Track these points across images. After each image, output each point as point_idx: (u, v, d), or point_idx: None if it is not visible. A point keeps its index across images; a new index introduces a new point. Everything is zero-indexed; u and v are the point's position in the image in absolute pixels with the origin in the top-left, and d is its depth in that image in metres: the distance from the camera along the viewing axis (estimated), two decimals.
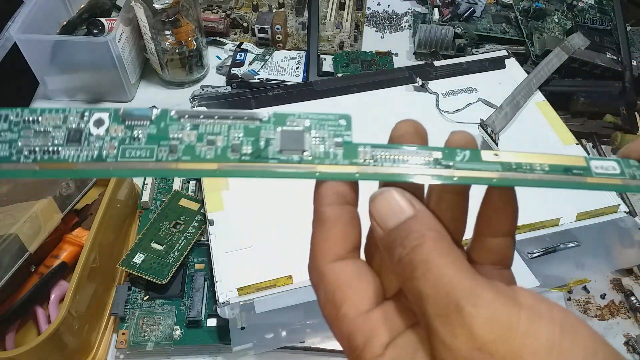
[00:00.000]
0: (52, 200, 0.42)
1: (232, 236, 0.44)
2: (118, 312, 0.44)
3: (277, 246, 0.43)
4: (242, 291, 0.41)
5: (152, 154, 0.18)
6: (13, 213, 0.41)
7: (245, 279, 0.41)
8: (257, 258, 0.43)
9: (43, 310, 0.43)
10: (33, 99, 0.65)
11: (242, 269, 0.42)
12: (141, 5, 0.57)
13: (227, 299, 0.40)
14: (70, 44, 0.57)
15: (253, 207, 0.46)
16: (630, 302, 0.48)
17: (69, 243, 0.46)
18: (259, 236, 0.44)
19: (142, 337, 0.43)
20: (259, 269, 0.42)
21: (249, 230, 0.44)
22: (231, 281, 0.41)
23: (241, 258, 0.43)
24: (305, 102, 0.55)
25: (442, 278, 0.16)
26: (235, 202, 0.47)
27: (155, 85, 0.66)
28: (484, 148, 0.49)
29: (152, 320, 0.44)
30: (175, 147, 0.18)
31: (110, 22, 0.61)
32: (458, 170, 0.18)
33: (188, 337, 0.43)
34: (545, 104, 0.56)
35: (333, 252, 0.18)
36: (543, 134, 0.53)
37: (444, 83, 0.58)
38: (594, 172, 0.19)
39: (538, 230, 0.45)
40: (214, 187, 0.47)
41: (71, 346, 0.41)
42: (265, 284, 0.41)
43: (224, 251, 0.43)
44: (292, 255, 0.42)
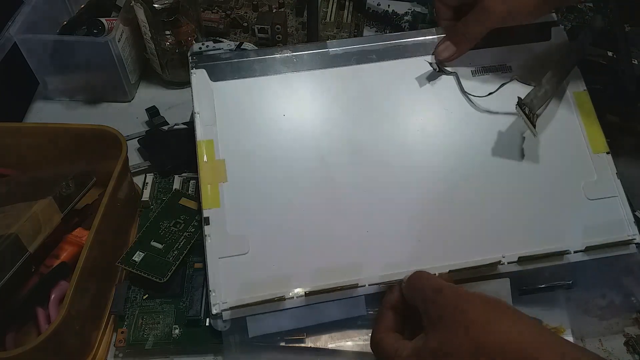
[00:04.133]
0: (52, 200, 0.42)
1: (228, 239, 0.41)
2: (117, 310, 0.44)
3: (278, 253, 0.42)
4: (235, 309, 0.39)
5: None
6: (13, 213, 0.41)
7: (239, 293, 0.40)
8: (255, 267, 0.41)
9: (43, 310, 0.43)
10: (33, 99, 0.65)
11: (237, 279, 0.40)
12: (141, 5, 0.57)
13: (220, 311, 0.39)
14: (70, 44, 0.57)
15: (254, 205, 0.43)
16: (631, 302, 0.48)
17: (69, 243, 0.46)
18: (259, 240, 0.42)
19: (141, 336, 0.43)
20: (257, 281, 0.40)
21: (248, 231, 0.42)
22: (225, 292, 0.40)
23: (238, 266, 0.41)
24: (317, 71, 0.49)
25: (433, 280, 0.38)
26: (234, 197, 0.43)
27: (155, 85, 0.66)
28: (521, 130, 0.46)
29: (151, 319, 0.44)
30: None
31: (110, 22, 0.60)
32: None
33: (187, 336, 0.43)
34: (584, 95, 0.48)
35: (383, 330, 0.38)
36: (571, 132, 0.47)
37: (472, 58, 0.50)
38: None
39: (540, 262, 0.42)
40: (210, 179, 0.44)
41: (71, 346, 0.41)
42: (258, 302, 0.39)
43: (219, 256, 0.41)
44: (294, 264, 0.41)
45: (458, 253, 0.42)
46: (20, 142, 0.50)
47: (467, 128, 0.47)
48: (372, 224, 0.43)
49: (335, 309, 0.41)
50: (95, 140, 0.48)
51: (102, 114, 0.63)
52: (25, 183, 0.49)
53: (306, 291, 0.40)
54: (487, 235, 0.43)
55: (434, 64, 0.49)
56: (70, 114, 0.63)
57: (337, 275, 0.41)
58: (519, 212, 0.44)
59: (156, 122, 0.60)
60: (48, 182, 0.45)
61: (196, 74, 0.48)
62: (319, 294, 0.40)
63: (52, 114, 0.63)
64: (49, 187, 0.43)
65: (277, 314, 0.40)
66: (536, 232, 0.43)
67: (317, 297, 0.40)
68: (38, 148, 0.50)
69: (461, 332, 0.32)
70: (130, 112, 0.63)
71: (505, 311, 0.33)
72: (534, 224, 0.44)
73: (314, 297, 0.40)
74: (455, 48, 0.49)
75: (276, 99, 0.48)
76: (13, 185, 0.48)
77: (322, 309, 0.41)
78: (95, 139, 0.48)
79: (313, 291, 0.40)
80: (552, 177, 0.45)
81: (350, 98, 0.48)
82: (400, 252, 0.42)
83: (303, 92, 0.48)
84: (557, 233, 0.43)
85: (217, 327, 0.39)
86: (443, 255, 0.42)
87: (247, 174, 0.44)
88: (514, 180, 0.45)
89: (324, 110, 0.47)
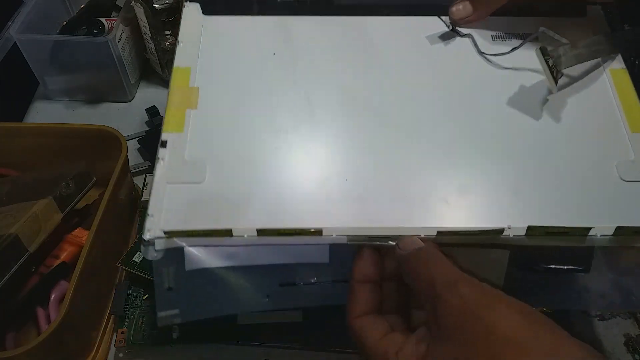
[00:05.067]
0: (52, 200, 0.42)
1: (185, 165, 0.37)
2: (117, 310, 0.44)
3: (238, 187, 0.36)
4: (174, 235, 0.33)
5: None
6: (13, 213, 0.41)
7: (182, 223, 0.34)
8: (208, 198, 0.35)
9: (43, 310, 0.43)
10: (33, 99, 0.65)
11: (184, 209, 0.35)
12: (141, 5, 0.57)
13: (154, 237, 0.33)
14: (70, 44, 0.57)
15: (221, 136, 0.39)
16: (631, 302, 0.48)
17: (69, 243, 0.46)
18: (217, 173, 0.37)
19: (141, 336, 0.43)
20: (206, 214, 0.35)
21: (207, 162, 0.37)
22: (166, 219, 0.34)
23: (188, 194, 0.35)
24: (320, 17, 0.45)
25: (446, 269, 0.29)
26: (200, 125, 0.39)
27: (155, 85, 0.66)
28: (538, 76, 0.41)
29: (151, 319, 0.44)
30: None
31: (110, 22, 0.61)
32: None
33: (187, 336, 0.43)
34: (622, 73, 0.44)
35: (358, 311, 0.30)
36: (607, 109, 0.42)
37: (493, 23, 0.45)
38: None
39: (554, 240, 0.35)
40: (179, 103, 0.40)
41: (71, 346, 0.41)
42: (201, 232, 0.33)
43: (169, 181, 0.36)
44: (254, 201, 0.35)
45: (453, 217, 0.35)
46: (20, 142, 0.50)
47: (481, 89, 0.42)
48: (353, 173, 0.37)
49: (290, 253, 0.34)
50: (95, 140, 0.48)
51: (102, 114, 0.63)
52: (25, 183, 0.49)
53: (259, 229, 0.33)
54: (493, 202, 0.36)
55: (449, 23, 0.45)
56: (70, 114, 0.63)
57: (302, 220, 0.35)
58: (536, 182, 0.37)
59: (156, 122, 0.60)
60: (48, 182, 0.45)
61: (189, 7, 0.45)
62: (274, 235, 0.34)
63: (52, 114, 0.63)
64: (49, 187, 0.43)
65: (221, 249, 0.34)
66: (555, 207, 0.36)
67: (272, 239, 0.34)
68: (38, 148, 0.50)
69: (487, 352, 0.24)
70: (130, 112, 0.63)
71: (547, 327, 0.24)
72: (554, 198, 0.37)
73: (268, 238, 0.34)
74: (472, 9, 0.43)
75: (269, 39, 0.44)
76: (13, 185, 0.48)
77: (275, 251, 0.34)
78: (95, 139, 0.48)
79: (267, 230, 0.33)
80: (581, 150, 0.39)
81: (351, 48, 0.44)
82: (382, 206, 0.36)
83: (301, 36, 0.45)
84: (580, 211, 0.36)
85: (148, 256, 0.33)
86: (434, 217, 0.35)
87: (220, 105, 0.40)
88: (535, 148, 0.39)
89: (321, 57, 0.44)
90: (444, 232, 0.33)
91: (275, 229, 0.33)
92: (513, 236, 0.34)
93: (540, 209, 0.36)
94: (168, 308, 0.35)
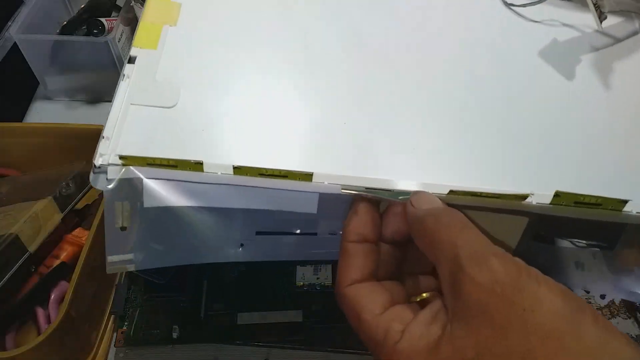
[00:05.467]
0: (52, 200, 0.42)
1: (155, 85, 0.32)
2: (117, 310, 0.44)
3: (216, 118, 0.31)
4: (130, 161, 0.28)
5: None
6: (13, 213, 0.41)
7: (144, 151, 0.28)
8: (179, 126, 0.30)
9: (43, 310, 0.43)
10: (33, 99, 0.65)
11: (148, 134, 0.30)
12: (141, 5, 0.56)
13: (108, 163, 0.28)
14: (70, 44, 0.57)
15: (200, 59, 0.34)
16: (631, 302, 0.48)
17: (69, 243, 0.46)
18: (192, 98, 0.32)
19: (141, 336, 0.43)
20: (174, 144, 0.29)
21: (181, 85, 0.32)
22: (124, 144, 0.29)
23: (154, 119, 0.30)
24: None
25: (472, 237, 0.22)
26: (178, 44, 0.34)
27: None
28: (573, 32, 0.38)
29: (151, 319, 0.44)
30: None
31: (110, 22, 0.60)
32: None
33: (187, 336, 0.43)
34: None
35: (352, 277, 0.25)
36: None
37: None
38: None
39: (583, 211, 0.28)
40: (155, 17, 0.35)
41: (71, 346, 0.41)
42: (165, 163, 0.27)
43: (133, 102, 0.31)
44: (233, 135, 0.30)
45: (467, 176, 0.30)
46: (20, 142, 0.50)
47: (506, 42, 0.38)
48: (355, 117, 0.32)
49: (271, 197, 0.28)
50: (95, 140, 0.48)
51: (102, 114, 0.63)
52: (25, 183, 0.49)
53: (236, 165, 0.28)
54: (515, 163, 0.31)
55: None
56: (70, 114, 0.63)
57: (289, 161, 0.29)
58: (565, 145, 0.32)
59: None
60: (48, 182, 0.45)
61: None
62: (254, 176, 0.28)
63: (52, 114, 0.63)
64: (49, 187, 0.43)
65: (189, 186, 0.28)
66: (586, 176, 0.31)
67: (252, 180, 0.28)
68: (38, 148, 0.50)
69: (519, 345, 0.19)
70: None
71: (591, 317, 0.20)
72: (586, 165, 0.31)
73: (246, 179, 0.28)
74: None
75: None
76: (13, 185, 0.48)
77: (253, 193, 0.28)
78: (95, 139, 0.48)
79: (246, 168, 0.28)
80: (618, 116, 0.34)
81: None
82: (386, 157, 0.30)
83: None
84: (616, 183, 0.31)
85: (97, 185, 0.28)
86: (445, 173, 0.30)
87: (204, 26, 0.36)
88: (565, 109, 0.34)
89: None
90: (457, 191, 0.27)
91: (256, 167, 0.27)
92: (536, 203, 0.28)
93: (569, 176, 0.31)
94: (120, 252, 0.29)
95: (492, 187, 0.28)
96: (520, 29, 0.39)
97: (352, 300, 0.24)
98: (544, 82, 0.36)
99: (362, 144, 0.31)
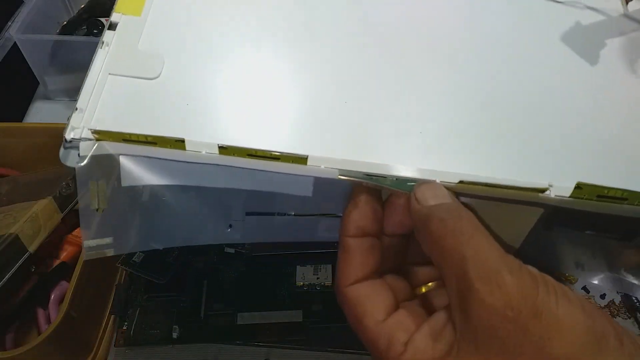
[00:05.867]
0: (52, 200, 0.42)
1: (137, 55, 0.29)
2: (117, 310, 0.44)
3: (202, 91, 0.28)
4: (105, 136, 0.25)
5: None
6: (13, 213, 0.41)
7: (122, 125, 0.26)
8: (160, 98, 0.28)
9: (43, 310, 0.43)
10: (33, 99, 0.65)
11: (126, 107, 0.27)
12: None
13: (80, 137, 0.25)
14: (70, 44, 0.57)
15: (189, 28, 0.31)
16: (631, 302, 0.48)
17: (69, 243, 0.46)
18: (177, 70, 0.29)
19: (141, 336, 0.43)
20: (154, 118, 0.27)
21: (166, 56, 0.29)
22: (99, 116, 0.26)
23: (134, 90, 0.28)
24: None
25: (482, 246, 0.20)
26: (165, 11, 0.32)
27: None
28: (596, 15, 0.36)
29: (151, 319, 0.44)
30: None
31: None
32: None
33: (187, 336, 0.43)
34: None
35: (353, 276, 0.23)
36: None
37: None
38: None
39: (608, 205, 0.25)
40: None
41: (71, 346, 0.41)
42: (143, 139, 0.25)
43: (111, 72, 0.29)
44: (221, 111, 0.28)
45: (478, 164, 0.27)
46: (20, 142, 0.50)
47: (525, 21, 0.36)
48: (357, 96, 0.29)
49: (261, 178, 0.25)
50: None
51: None
52: (25, 183, 0.49)
53: (222, 145, 0.25)
54: (531, 151, 0.28)
55: None
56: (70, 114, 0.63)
57: (281, 142, 0.27)
58: (588, 134, 0.30)
59: None
60: (48, 182, 0.45)
61: None
62: (242, 156, 0.25)
63: (52, 114, 0.63)
64: (49, 187, 0.43)
65: (170, 164, 0.25)
66: (607, 168, 0.28)
67: (238, 161, 0.25)
68: (38, 148, 0.50)
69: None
70: None
71: (615, 342, 0.18)
72: (609, 157, 0.29)
73: (232, 159, 0.25)
74: None
75: None
76: (13, 185, 0.48)
77: (241, 173, 0.25)
78: None
79: (233, 148, 0.25)
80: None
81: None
82: (389, 140, 0.28)
83: None
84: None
85: (67, 161, 0.25)
86: (454, 160, 0.27)
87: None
88: (585, 97, 0.32)
89: None
90: (467, 182, 0.24)
91: (245, 148, 0.25)
92: (555, 196, 0.25)
93: (592, 166, 0.28)
94: (97, 235, 0.26)
95: (506, 175, 0.26)
96: (541, 10, 0.37)
97: (354, 303, 0.22)
98: (566, 65, 0.33)
99: (364, 124, 0.28)
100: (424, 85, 0.30)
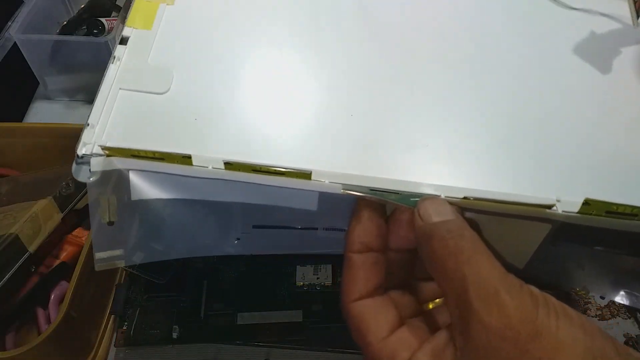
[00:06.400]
0: (52, 200, 0.42)
1: (147, 70, 0.30)
2: (117, 310, 0.44)
3: (210, 106, 0.29)
4: (115, 152, 0.26)
5: None
6: (13, 213, 0.41)
7: (132, 141, 0.26)
8: (170, 114, 0.28)
9: (43, 310, 0.43)
10: (33, 99, 0.65)
11: (137, 123, 0.28)
12: None
13: (91, 152, 0.26)
14: (70, 44, 0.57)
15: (198, 42, 0.32)
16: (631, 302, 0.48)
17: (69, 243, 0.46)
18: (186, 84, 0.29)
19: (141, 336, 0.43)
20: (164, 134, 0.27)
21: (175, 70, 0.30)
22: (110, 132, 0.27)
23: (145, 105, 0.28)
24: None
25: (483, 266, 0.20)
26: (175, 25, 0.32)
27: None
28: (612, 23, 0.35)
29: (151, 319, 0.44)
30: None
31: (110, 22, 0.60)
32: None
33: (187, 336, 0.43)
34: None
35: (357, 292, 0.23)
36: None
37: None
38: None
39: (618, 222, 0.25)
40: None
41: (71, 346, 0.41)
42: (151, 155, 0.26)
43: (122, 86, 0.29)
44: (227, 126, 0.28)
45: (484, 179, 0.27)
46: (20, 142, 0.50)
47: (540, 30, 0.35)
48: (362, 109, 0.29)
49: (266, 192, 0.26)
50: None
51: None
52: (25, 183, 0.49)
53: (227, 161, 0.25)
54: (539, 166, 0.28)
55: None
56: (70, 114, 0.63)
57: (286, 157, 0.27)
58: (597, 148, 0.29)
59: None
60: (48, 182, 0.45)
61: None
62: (247, 172, 0.26)
63: (52, 114, 0.63)
64: (49, 187, 0.43)
65: (178, 179, 0.26)
66: (616, 184, 0.28)
67: (243, 176, 0.26)
68: (38, 148, 0.50)
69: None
70: None
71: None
72: (618, 172, 0.28)
73: (238, 174, 0.26)
74: None
75: None
76: (13, 185, 0.48)
77: (247, 188, 0.26)
78: None
79: (238, 164, 0.25)
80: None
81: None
82: (395, 154, 0.28)
83: None
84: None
85: (79, 177, 0.26)
86: (459, 175, 0.27)
87: (204, 4, 0.34)
88: (599, 109, 0.31)
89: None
90: (471, 197, 0.24)
91: (249, 164, 0.25)
92: (562, 212, 0.25)
93: (600, 181, 0.28)
94: (108, 247, 0.27)
95: (512, 190, 0.26)
96: (554, 16, 0.36)
97: (358, 319, 0.23)
98: (575, 77, 0.33)
99: (369, 139, 0.28)
100: (429, 100, 0.30)
